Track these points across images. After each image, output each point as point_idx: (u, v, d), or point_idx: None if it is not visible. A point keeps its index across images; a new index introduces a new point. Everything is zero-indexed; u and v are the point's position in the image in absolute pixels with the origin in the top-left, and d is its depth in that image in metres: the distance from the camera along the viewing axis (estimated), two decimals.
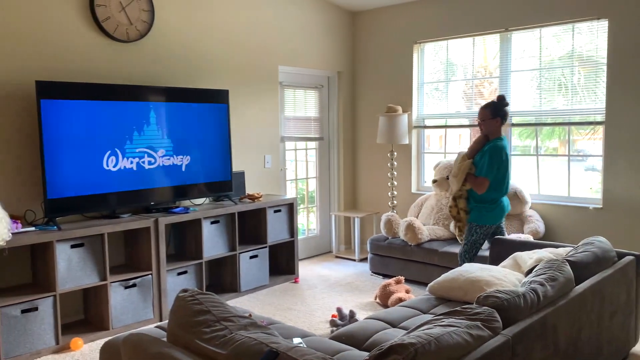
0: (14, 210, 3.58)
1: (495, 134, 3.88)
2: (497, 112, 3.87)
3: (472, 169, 3.87)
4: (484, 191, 3.81)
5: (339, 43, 5.99)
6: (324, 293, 4.71)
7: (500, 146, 3.80)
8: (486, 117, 3.88)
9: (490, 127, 3.88)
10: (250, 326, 1.86)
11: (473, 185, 3.85)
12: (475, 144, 3.94)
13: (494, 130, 3.88)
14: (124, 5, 4.10)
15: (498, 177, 3.82)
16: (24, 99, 3.67)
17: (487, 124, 3.88)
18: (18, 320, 3.36)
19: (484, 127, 3.91)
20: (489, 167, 3.78)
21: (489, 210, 3.87)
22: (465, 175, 3.87)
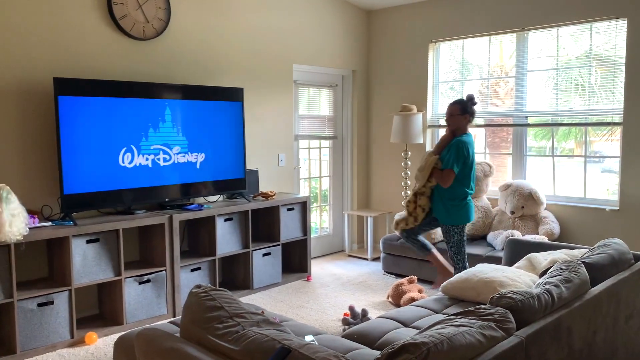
0: (31, 205, 3.63)
1: (462, 130, 3.96)
2: (467, 109, 3.96)
3: (439, 164, 3.93)
4: (449, 184, 3.86)
5: (354, 42, 5.98)
6: (336, 291, 4.71)
7: (466, 141, 3.88)
8: (455, 112, 3.95)
9: (458, 123, 3.95)
10: (262, 323, 1.87)
11: (439, 179, 3.90)
12: (441, 141, 4.01)
13: (462, 127, 3.95)
14: (140, 3, 4.14)
15: (465, 171, 3.88)
16: (41, 95, 3.72)
17: (456, 119, 3.94)
18: (34, 314, 3.41)
19: (451, 122, 3.96)
20: (454, 160, 3.84)
21: (459, 209, 3.91)
22: (431, 170, 3.93)
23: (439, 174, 3.91)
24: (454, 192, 3.91)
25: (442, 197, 3.94)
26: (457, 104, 3.98)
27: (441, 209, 3.96)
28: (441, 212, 3.96)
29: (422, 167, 3.98)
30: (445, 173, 3.87)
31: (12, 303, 3.31)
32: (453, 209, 3.91)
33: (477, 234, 4.90)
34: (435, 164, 3.93)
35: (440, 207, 3.96)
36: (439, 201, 3.97)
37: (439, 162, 3.93)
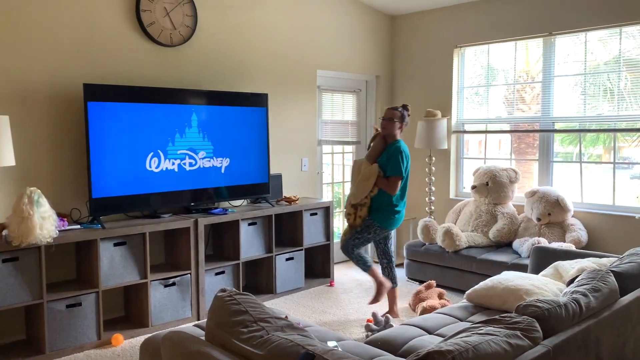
0: (60, 209, 3.71)
1: (393, 137, 3.96)
2: (404, 117, 4.00)
3: (381, 172, 3.89)
4: (397, 191, 3.85)
5: (378, 47, 5.98)
6: (360, 297, 4.69)
7: (405, 148, 3.94)
8: (395, 117, 3.94)
9: (395, 129, 3.96)
10: (286, 328, 1.88)
11: (386, 186, 3.85)
12: (374, 149, 3.98)
13: (396, 133, 3.97)
14: (168, 10, 4.21)
15: (404, 179, 3.91)
16: (71, 101, 3.80)
17: (394, 125, 3.94)
18: (63, 315, 3.48)
19: (389, 126, 3.94)
20: (400, 166, 3.84)
21: (394, 214, 3.93)
22: (375, 180, 3.87)
23: (384, 182, 3.86)
24: (394, 198, 3.90)
25: (383, 204, 3.90)
26: (397, 109, 3.99)
27: (378, 211, 3.92)
28: (377, 213, 3.92)
29: (367, 177, 3.88)
30: (392, 180, 3.85)
31: (42, 304, 3.39)
32: (390, 213, 3.92)
33: (502, 241, 4.84)
34: (378, 173, 3.88)
35: (379, 211, 3.92)
36: (379, 208, 3.91)
37: (381, 171, 3.88)
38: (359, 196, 3.91)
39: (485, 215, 4.99)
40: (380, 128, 4.00)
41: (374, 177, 3.86)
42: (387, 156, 3.88)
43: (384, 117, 3.99)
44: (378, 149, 3.96)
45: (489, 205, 5.01)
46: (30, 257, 3.35)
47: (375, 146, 3.98)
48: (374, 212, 3.93)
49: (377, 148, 3.97)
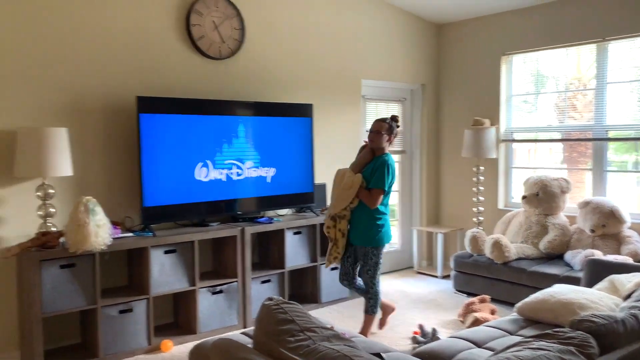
0: (114, 217, 3.84)
1: (382, 150, 3.80)
2: (393, 129, 3.83)
3: (364, 183, 3.72)
4: (377, 204, 3.69)
5: (423, 56, 5.94)
6: (405, 309, 4.64)
7: (393, 162, 3.78)
8: (383, 130, 3.78)
9: (383, 142, 3.79)
10: (333, 338, 1.88)
11: (367, 199, 3.69)
12: (361, 159, 3.82)
13: (384, 146, 3.81)
14: (217, 24, 4.32)
15: (388, 192, 3.77)
16: (124, 113, 3.95)
17: (382, 137, 3.78)
18: (115, 320, 3.59)
19: (377, 139, 3.78)
20: (384, 179, 3.68)
21: (382, 228, 3.76)
22: (357, 191, 3.69)
23: (366, 194, 3.69)
24: (377, 212, 3.74)
25: (363, 219, 3.73)
26: (386, 121, 3.82)
27: (361, 230, 3.75)
28: (361, 234, 3.75)
29: (348, 186, 3.70)
30: (374, 193, 3.67)
31: (96, 309, 3.51)
32: (374, 229, 3.73)
33: (553, 252, 4.69)
34: (361, 183, 3.71)
35: (361, 229, 3.75)
36: (359, 223, 3.75)
37: (364, 182, 3.71)
38: (338, 207, 3.74)
39: (535, 226, 4.85)
40: (368, 141, 3.83)
41: (355, 187, 3.68)
42: (372, 168, 3.73)
43: (371, 129, 3.81)
44: (364, 160, 3.80)
45: (539, 216, 4.87)
46: (86, 263, 3.48)
47: (362, 157, 3.82)
48: (357, 235, 3.77)
49: (363, 159, 3.81)
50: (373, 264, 3.78)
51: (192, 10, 4.18)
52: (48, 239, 3.34)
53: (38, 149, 3.34)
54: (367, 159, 3.80)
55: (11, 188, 3.52)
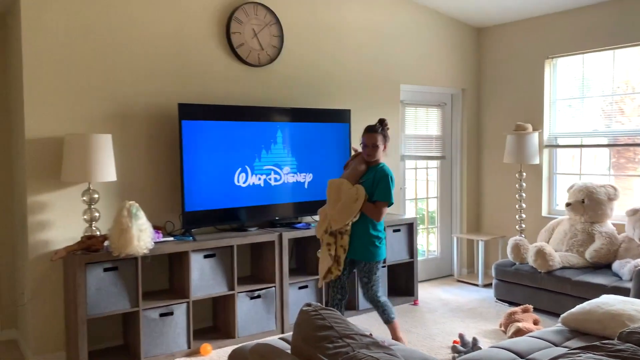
0: (156, 221, 3.92)
1: (379, 160, 3.60)
2: (387, 137, 3.64)
3: (366, 196, 3.48)
4: (382, 217, 3.51)
5: (464, 60, 5.86)
6: (445, 317, 4.56)
7: (391, 172, 3.58)
8: (379, 142, 3.56)
9: (380, 153, 3.59)
10: (372, 345, 1.86)
11: (372, 212, 3.47)
12: (355, 170, 3.57)
13: (381, 156, 3.61)
14: (256, 32, 4.37)
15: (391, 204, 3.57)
16: (166, 119, 4.03)
17: (379, 150, 3.57)
18: (156, 323, 3.66)
19: (375, 152, 3.55)
20: (389, 191, 3.49)
21: (382, 242, 3.59)
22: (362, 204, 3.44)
23: (371, 207, 3.47)
24: (379, 225, 3.57)
25: (364, 233, 3.52)
26: (378, 132, 3.57)
27: (364, 245, 3.53)
28: (364, 249, 3.54)
29: (352, 199, 3.42)
30: (379, 205, 3.48)
31: (138, 312, 3.58)
32: (377, 242, 3.55)
33: (600, 262, 4.52)
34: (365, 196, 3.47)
35: (363, 244, 3.53)
36: (361, 237, 3.53)
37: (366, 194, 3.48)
38: (342, 221, 3.47)
39: (581, 234, 4.69)
40: (366, 156, 3.58)
41: (361, 200, 3.44)
42: (373, 179, 3.51)
43: (366, 143, 3.57)
44: (359, 170, 3.56)
45: (585, 223, 4.72)
46: (129, 267, 3.56)
47: (357, 167, 3.57)
48: (359, 250, 3.55)
49: (359, 169, 3.56)
50: (376, 279, 3.60)
51: (232, 18, 4.25)
52: (93, 243, 3.44)
53: (84, 154, 3.44)
54: (362, 170, 3.58)
55: (59, 193, 3.64)
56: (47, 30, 3.57)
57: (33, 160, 3.55)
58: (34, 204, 3.56)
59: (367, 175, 3.55)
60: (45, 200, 3.60)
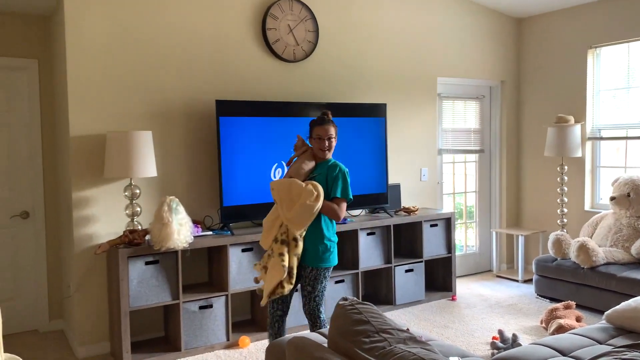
0: (195, 216, 3.99)
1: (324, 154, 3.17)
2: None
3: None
4: (342, 216, 3.11)
5: (503, 51, 5.73)
6: (484, 313, 4.49)
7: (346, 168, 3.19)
8: (335, 133, 3.17)
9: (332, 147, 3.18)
10: (409, 340, 1.85)
11: (333, 211, 3.04)
12: (302, 168, 3.11)
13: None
14: (292, 27, 4.38)
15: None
16: (204, 116, 4.09)
17: (334, 144, 3.17)
18: (196, 316, 3.73)
19: (331, 146, 3.14)
20: (348, 188, 3.11)
21: (335, 247, 3.16)
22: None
23: (330, 205, 3.04)
24: (334, 227, 3.18)
25: (317, 235, 3.07)
26: (333, 124, 3.17)
27: (314, 249, 3.07)
28: (314, 254, 3.07)
29: (312, 197, 2.94)
30: (338, 202, 3.06)
31: (178, 304, 3.66)
32: (330, 247, 3.11)
33: None
34: None
35: (314, 248, 3.07)
36: (314, 240, 3.07)
37: None
38: (304, 223, 2.99)
39: (626, 229, 4.54)
40: (319, 151, 3.14)
41: (322, 197, 3.00)
42: (326, 176, 3.10)
43: (321, 136, 3.11)
44: (308, 168, 3.13)
45: (630, 218, 4.56)
46: (169, 260, 3.64)
47: (304, 164, 3.13)
48: (309, 255, 3.07)
49: (307, 167, 3.12)
50: (322, 289, 3.13)
51: (267, 15, 4.27)
52: (134, 237, 3.53)
53: (125, 151, 3.53)
54: (310, 167, 3.15)
55: (102, 188, 3.75)
56: (89, 32, 3.67)
57: (77, 157, 3.67)
58: (79, 199, 3.68)
59: (317, 172, 3.13)
60: (89, 196, 3.71)
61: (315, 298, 3.12)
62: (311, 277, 3.09)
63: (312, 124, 3.19)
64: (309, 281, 3.10)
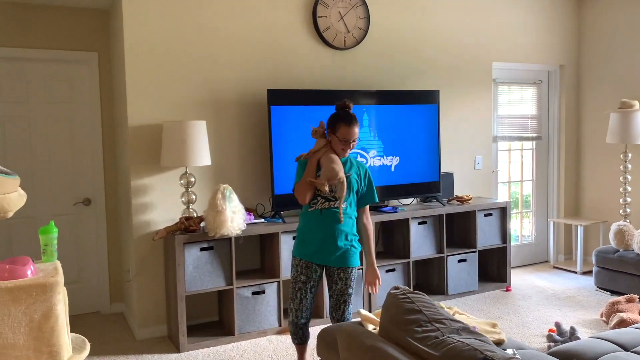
0: (247, 204, 4.06)
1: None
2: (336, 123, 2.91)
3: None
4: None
5: (562, 34, 5.50)
6: (540, 305, 4.37)
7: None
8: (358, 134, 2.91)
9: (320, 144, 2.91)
10: (462, 331, 1.83)
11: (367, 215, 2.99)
12: (337, 166, 2.81)
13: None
14: (342, 14, 4.36)
15: None
16: (256, 105, 4.14)
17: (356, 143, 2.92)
18: (249, 301, 3.81)
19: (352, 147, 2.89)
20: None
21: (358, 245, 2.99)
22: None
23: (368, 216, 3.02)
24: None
25: (349, 233, 2.92)
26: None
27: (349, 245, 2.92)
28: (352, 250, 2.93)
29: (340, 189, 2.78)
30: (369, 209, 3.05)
31: (232, 290, 3.75)
32: (355, 245, 2.95)
33: None
34: None
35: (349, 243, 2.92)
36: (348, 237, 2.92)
37: None
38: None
39: None
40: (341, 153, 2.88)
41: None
42: (358, 175, 2.93)
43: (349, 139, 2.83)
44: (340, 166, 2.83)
45: None
46: (223, 247, 3.72)
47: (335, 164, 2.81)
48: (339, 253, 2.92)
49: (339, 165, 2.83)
50: (354, 287, 2.99)
51: (318, 2, 4.26)
52: (190, 224, 3.63)
53: (181, 140, 3.62)
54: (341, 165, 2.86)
55: (158, 177, 3.87)
56: (146, 25, 3.77)
57: (135, 146, 3.79)
58: (137, 187, 3.81)
59: (348, 170, 2.91)
60: (147, 184, 3.84)
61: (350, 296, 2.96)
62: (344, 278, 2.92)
63: (337, 121, 2.86)
64: (343, 282, 2.92)
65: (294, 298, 2.94)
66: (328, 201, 2.85)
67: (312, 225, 2.90)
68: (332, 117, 2.91)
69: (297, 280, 2.93)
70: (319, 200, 2.86)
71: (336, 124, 2.86)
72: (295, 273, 2.95)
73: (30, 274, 1.64)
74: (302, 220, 2.98)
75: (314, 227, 2.89)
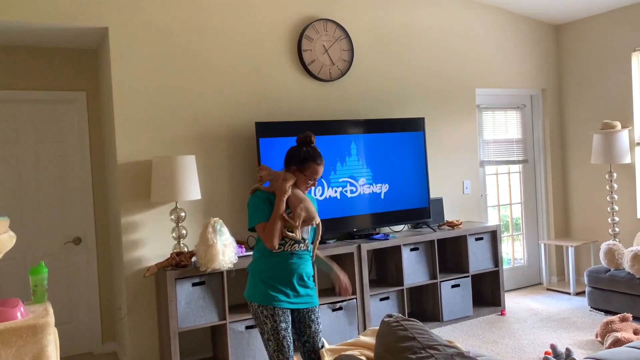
0: (239, 236, 4.05)
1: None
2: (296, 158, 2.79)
3: None
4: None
5: (542, 59, 5.63)
6: (535, 328, 4.36)
7: None
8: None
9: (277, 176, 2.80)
10: (457, 356, 1.83)
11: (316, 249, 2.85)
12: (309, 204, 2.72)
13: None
14: (326, 47, 4.45)
15: None
16: (244, 138, 4.18)
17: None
18: (243, 336, 3.77)
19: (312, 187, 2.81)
20: None
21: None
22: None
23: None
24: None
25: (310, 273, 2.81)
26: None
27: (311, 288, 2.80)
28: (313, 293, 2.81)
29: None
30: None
31: (225, 325, 3.71)
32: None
33: None
34: None
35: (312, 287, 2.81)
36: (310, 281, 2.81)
37: None
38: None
39: None
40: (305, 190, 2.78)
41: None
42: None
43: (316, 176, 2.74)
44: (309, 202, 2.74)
45: None
46: (215, 281, 3.70)
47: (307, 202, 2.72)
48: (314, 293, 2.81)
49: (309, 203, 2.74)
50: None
51: (303, 37, 4.35)
52: (181, 259, 3.61)
53: (170, 175, 3.64)
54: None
55: (149, 213, 3.87)
56: (133, 62, 3.83)
57: (125, 183, 3.80)
58: (127, 223, 3.80)
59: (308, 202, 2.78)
60: (137, 220, 3.83)
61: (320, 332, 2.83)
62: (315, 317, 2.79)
63: (307, 159, 2.70)
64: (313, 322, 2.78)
65: (281, 349, 2.62)
66: (297, 243, 2.70)
67: (281, 269, 2.68)
68: (299, 153, 2.72)
69: (278, 329, 2.62)
70: (287, 241, 2.67)
71: (306, 162, 2.70)
72: (273, 324, 2.62)
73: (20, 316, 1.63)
74: (264, 263, 2.71)
75: (284, 271, 2.68)
